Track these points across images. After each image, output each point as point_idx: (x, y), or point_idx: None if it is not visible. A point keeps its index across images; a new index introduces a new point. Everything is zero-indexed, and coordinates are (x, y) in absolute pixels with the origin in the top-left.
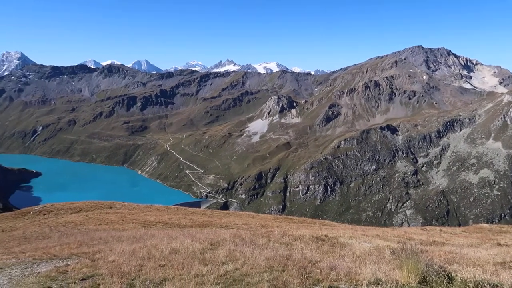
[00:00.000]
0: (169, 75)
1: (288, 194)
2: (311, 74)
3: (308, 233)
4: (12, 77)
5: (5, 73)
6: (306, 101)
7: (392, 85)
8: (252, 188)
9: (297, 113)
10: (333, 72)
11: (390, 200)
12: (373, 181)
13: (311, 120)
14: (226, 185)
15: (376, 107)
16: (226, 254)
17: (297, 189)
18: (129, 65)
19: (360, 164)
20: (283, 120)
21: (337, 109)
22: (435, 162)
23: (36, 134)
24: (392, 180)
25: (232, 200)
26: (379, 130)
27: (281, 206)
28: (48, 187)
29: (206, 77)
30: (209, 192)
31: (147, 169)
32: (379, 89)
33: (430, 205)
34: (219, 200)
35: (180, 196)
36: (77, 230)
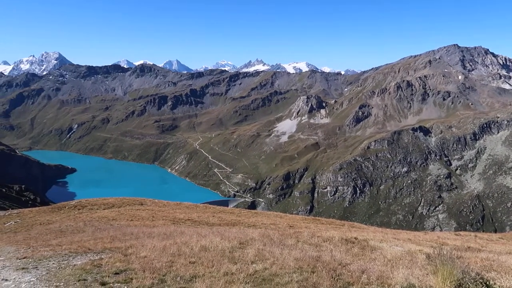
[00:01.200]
0: (199, 75)
1: (316, 195)
2: (341, 74)
3: (338, 235)
4: (50, 77)
5: (44, 73)
6: (335, 101)
7: (426, 85)
8: (279, 188)
9: (327, 113)
10: (364, 72)
11: (422, 204)
12: (404, 184)
13: (340, 120)
14: (254, 184)
15: (408, 108)
16: (255, 254)
17: (325, 190)
18: (161, 65)
19: (391, 166)
20: (312, 120)
21: (368, 110)
22: (470, 165)
23: (72, 131)
24: (424, 183)
25: (259, 199)
26: (411, 131)
27: (309, 207)
28: (82, 182)
29: (236, 77)
30: (237, 191)
31: (176, 167)
32: (412, 90)
33: (464, 210)
34: (246, 199)
35: (208, 194)
36: (110, 225)
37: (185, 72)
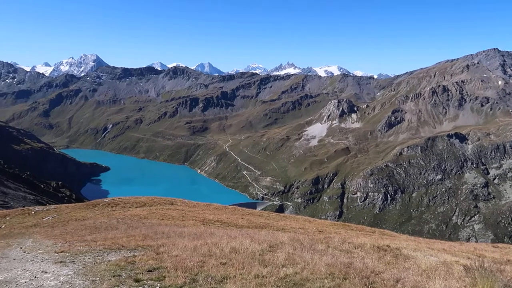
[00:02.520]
0: (230, 77)
1: (345, 200)
2: (373, 78)
3: (369, 242)
4: (88, 78)
5: (82, 74)
6: (367, 106)
7: (463, 90)
8: (308, 192)
9: (358, 117)
10: (398, 76)
11: (456, 213)
12: (438, 192)
13: (372, 125)
14: (282, 188)
15: (444, 114)
16: (285, 257)
17: (355, 195)
18: (193, 67)
19: (424, 173)
20: (342, 125)
21: (401, 115)
22: (509, 174)
23: (107, 131)
24: (459, 191)
25: (287, 203)
26: (446, 138)
27: (338, 213)
28: (115, 181)
29: (266, 80)
30: (265, 194)
31: (206, 169)
32: (448, 95)
33: (502, 221)
34: (274, 202)
35: (236, 196)
36: (142, 223)
37: (217, 74)
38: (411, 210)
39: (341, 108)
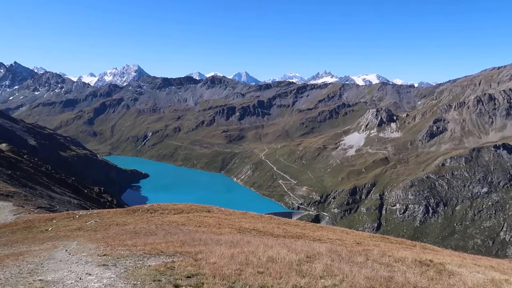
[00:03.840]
0: (267, 86)
1: (384, 212)
2: (414, 86)
3: (410, 256)
4: (130, 88)
5: (124, 84)
6: (407, 115)
7: (511, 99)
8: (345, 203)
9: (397, 127)
10: (440, 85)
11: (504, 229)
12: (484, 206)
13: (412, 135)
14: (319, 198)
15: (490, 123)
16: (323, 269)
17: (394, 207)
18: (230, 76)
19: (469, 186)
20: (381, 134)
21: (443, 124)
22: None
23: (147, 139)
24: (508, 206)
25: (324, 213)
26: (493, 148)
27: (376, 224)
28: (154, 187)
29: (303, 88)
30: (301, 204)
31: (242, 177)
32: (495, 103)
33: None
34: (310, 212)
35: (272, 205)
36: (179, 230)
37: (253, 84)
38: (454, 224)
39: (379, 117)
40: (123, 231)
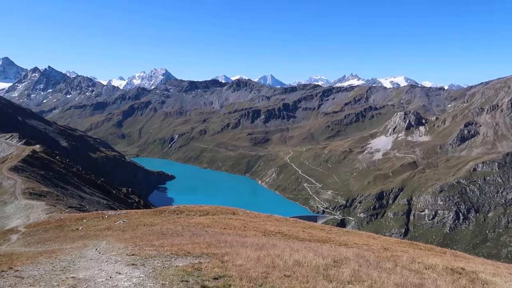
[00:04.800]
0: (292, 89)
1: (412, 217)
2: (444, 89)
3: (441, 263)
4: (157, 91)
5: (152, 87)
6: (437, 118)
7: None
8: (371, 207)
9: (426, 130)
10: (471, 87)
11: None
12: None
13: (442, 139)
14: (344, 202)
15: None
16: (351, 274)
17: (423, 213)
18: (256, 79)
19: (502, 192)
20: (409, 138)
21: (475, 128)
22: None
23: (173, 141)
24: None
25: (349, 218)
26: None
27: (403, 230)
28: (180, 189)
29: (329, 91)
30: (326, 208)
31: (266, 180)
32: None
33: None
34: (336, 216)
35: (297, 208)
36: (205, 231)
37: (279, 86)
38: (487, 231)
39: (407, 121)
40: (150, 232)
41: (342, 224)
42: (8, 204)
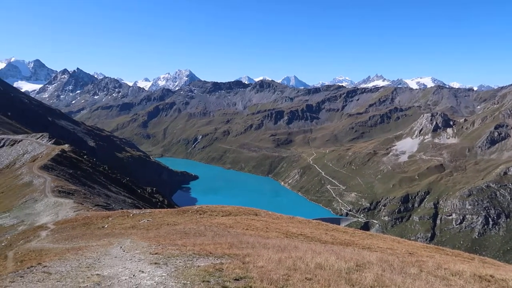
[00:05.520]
0: (316, 90)
1: (438, 221)
2: (473, 90)
3: (468, 270)
4: (181, 92)
5: (176, 88)
6: (465, 120)
7: None
8: (396, 210)
9: (454, 132)
10: (502, 88)
11: None
12: None
13: (470, 141)
14: (368, 204)
15: None
16: (374, 278)
17: (450, 217)
18: (279, 81)
19: None
20: (436, 140)
21: (506, 130)
22: None
23: (197, 142)
24: None
25: (373, 221)
26: None
27: (429, 234)
28: (203, 189)
29: (353, 92)
30: (350, 210)
31: (289, 181)
32: None
33: None
34: (359, 219)
35: (320, 210)
36: (227, 232)
37: (302, 87)
38: None
39: (434, 122)
40: (174, 231)
41: (366, 227)
42: (38, 202)
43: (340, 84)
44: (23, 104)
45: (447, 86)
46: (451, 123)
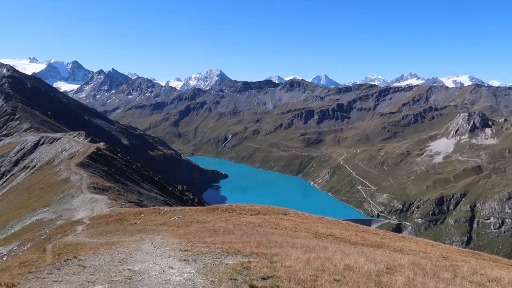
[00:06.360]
0: (347, 89)
1: (475, 225)
2: None
3: (507, 276)
4: (212, 91)
5: (207, 88)
6: (505, 120)
7: None
8: (430, 213)
9: (493, 133)
10: None
11: None
12: None
13: (511, 142)
14: (401, 206)
15: None
16: (405, 282)
17: (488, 221)
18: (309, 80)
19: None
20: (473, 141)
21: None
22: None
23: (227, 141)
24: None
25: (406, 223)
26: None
27: (465, 238)
28: (233, 188)
29: (386, 91)
30: (381, 212)
31: (319, 181)
32: None
33: None
34: (391, 221)
35: (350, 211)
36: (256, 231)
37: (333, 87)
38: None
39: (472, 122)
40: (203, 229)
41: (397, 229)
42: (75, 197)
43: (372, 83)
44: (62, 104)
45: (486, 85)
46: (490, 123)
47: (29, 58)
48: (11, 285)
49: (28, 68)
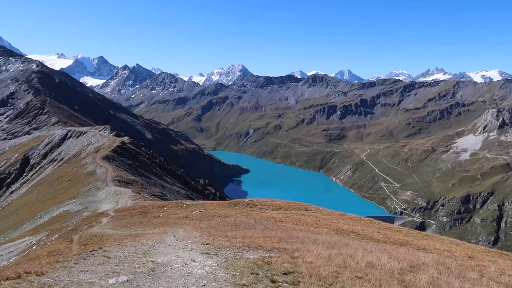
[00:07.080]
0: (371, 84)
1: (503, 225)
2: None
3: None
4: (234, 86)
5: (229, 83)
6: None
7: None
8: (456, 211)
9: None
10: None
11: None
12: None
13: None
14: (425, 204)
15: None
16: (429, 281)
17: None
18: (332, 75)
19: None
20: (502, 138)
21: None
22: None
23: (248, 136)
24: None
25: (430, 221)
26: None
27: (492, 238)
28: (254, 183)
29: (411, 86)
30: (404, 209)
31: (341, 177)
32: None
33: None
34: (415, 219)
35: (372, 208)
36: (277, 226)
37: (356, 82)
38: None
39: (501, 119)
40: (224, 223)
41: (421, 227)
42: (101, 190)
43: (397, 78)
44: (88, 98)
45: None
46: None
47: (57, 54)
48: (40, 274)
49: (56, 63)
